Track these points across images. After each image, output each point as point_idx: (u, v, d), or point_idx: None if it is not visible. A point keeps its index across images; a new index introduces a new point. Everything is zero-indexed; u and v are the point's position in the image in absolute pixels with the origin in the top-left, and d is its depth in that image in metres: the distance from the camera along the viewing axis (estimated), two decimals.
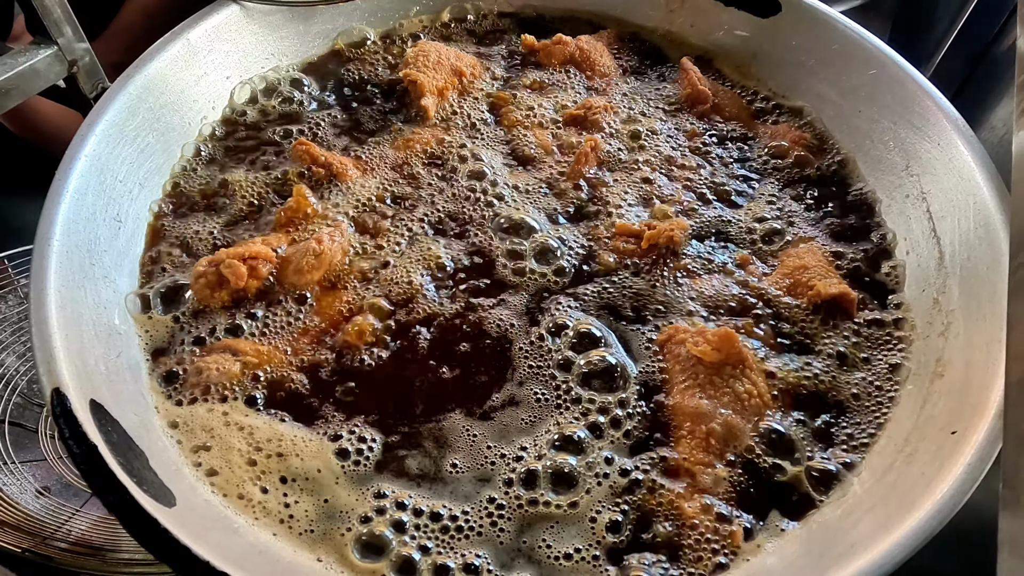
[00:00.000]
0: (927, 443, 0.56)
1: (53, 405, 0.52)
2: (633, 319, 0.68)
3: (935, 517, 0.48)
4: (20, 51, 1.10)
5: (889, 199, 0.78)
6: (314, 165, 0.79)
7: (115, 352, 0.62)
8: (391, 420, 0.62)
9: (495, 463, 0.59)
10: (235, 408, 0.61)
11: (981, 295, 0.63)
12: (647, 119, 0.88)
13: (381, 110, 0.88)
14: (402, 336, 0.67)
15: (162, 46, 0.79)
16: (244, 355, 0.64)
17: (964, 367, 0.60)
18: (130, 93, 0.74)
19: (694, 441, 0.59)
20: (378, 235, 0.74)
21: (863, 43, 0.84)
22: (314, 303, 0.69)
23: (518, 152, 0.83)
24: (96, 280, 0.64)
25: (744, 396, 0.60)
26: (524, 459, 0.59)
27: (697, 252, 0.73)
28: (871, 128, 0.82)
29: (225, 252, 0.69)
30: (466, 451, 0.59)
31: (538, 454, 0.59)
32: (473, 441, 0.60)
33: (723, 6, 0.94)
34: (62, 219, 0.63)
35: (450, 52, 0.91)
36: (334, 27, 0.93)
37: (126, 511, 0.47)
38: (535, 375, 0.64)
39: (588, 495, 0.57)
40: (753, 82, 0.94)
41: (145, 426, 0.58)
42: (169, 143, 0.78)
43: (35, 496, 0.85)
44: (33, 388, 0.94)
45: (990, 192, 0.67)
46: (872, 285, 0.72)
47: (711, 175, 0.82)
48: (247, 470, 0.58)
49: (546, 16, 1.01)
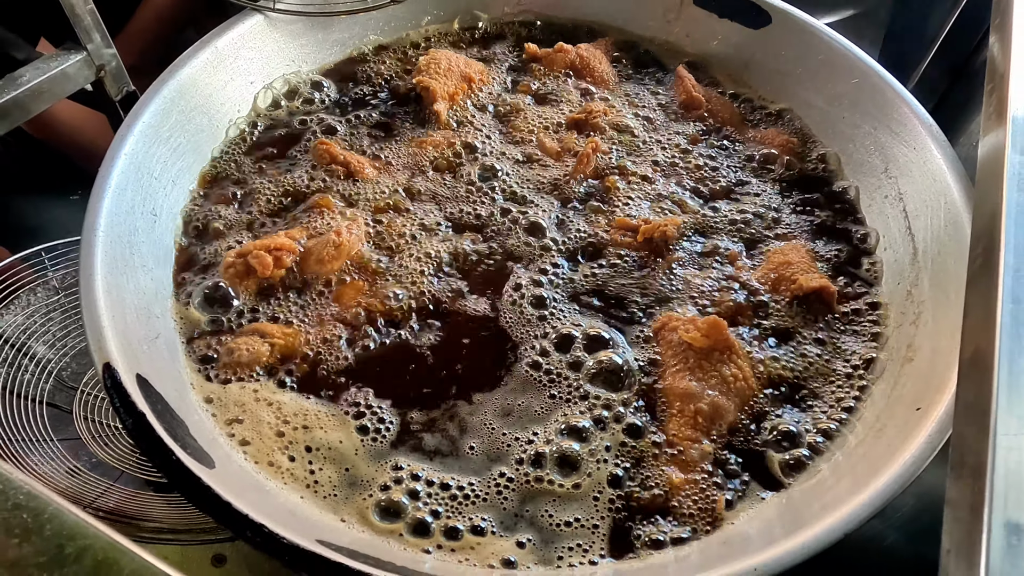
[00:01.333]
0: (895, 420, 0.62)
1: (104, 378, 0.57)
2: (629, 308, 0.74)
3: (897, 481, 0.54)
4: (51, 57, 1.16)
5: (869, 199, 0.84)
6: (333, 163, 0.85)
7: (154, 334, 0.67)
8: (406, 399, 0.67)
9: (510, 445, 0.64)
10: (264, 386, 0.67)
11: (949, 287, 0.68)
12: (644, 123, 0.94)
13: (395, 114, 0.93)
14: (414, 323, 0.72)
15: (192, 53, 0.85)
16: (272, 337, 0.69)
17: (931, 352, 0.65)
18: (164, 97, 0.80)
19: (683, 419, 0.64)
20: (393, 229, 0.80)
21: (847, 54, 0.90)
22: (334, 290, 0.74)
23: (524, 154, 0.89)
24: (135, 268, 0.70)
25: (730, 379, 0.65)
26: (535, 442, 0.64)
27: (690, 247, 0.79)
28: (854, 133, 0.88)
29: (252, 244, 0.74)
30: (473, 431, 0.65)
31: (546, 439, 0.64)
32: (481, 423, 0.65)
33: (717, 17, 1.00)
34: (105, 212, 0.69)
35: (460, 59, 0.97)
36: (351, 35, 0.99)
37: (173, 471, 0.53)
38: (542, 370, 0.69)
39: (589, 478, 0.62)
40: (745, 89, 1.00)
41: (183, 400, 0.63)
42: (199, 143, 0.84)
43: (68, 473, 0.91)
44: (64, 373, 1.00)
45: (959, 193, 0.73)
46: (853, 278, 0.78)
47: (703, 176, 0.87)
48: (276, 441, 0.63)
49: (549, 25, 1.07)
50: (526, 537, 0.59)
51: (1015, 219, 0.55)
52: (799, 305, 0.74)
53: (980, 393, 0.47)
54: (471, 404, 0.67)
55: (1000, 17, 0.82)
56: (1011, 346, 0.48)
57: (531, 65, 1.00)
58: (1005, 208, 0.57)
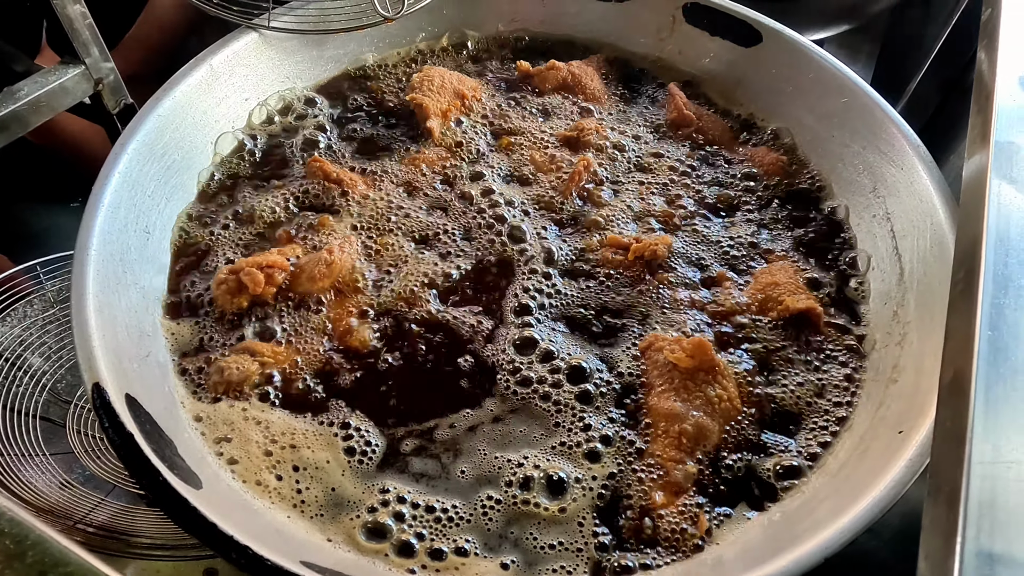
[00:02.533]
0: (878, 441, 0.62)
1: (94, 398, 0.58)
2: (618, 327, 0.75)
3: (877, 505, 0.54)
4: (50, 71, 1.17)
5: (858, 218, 0.85)
6: (326, 180, 0.85)
7: (145, 352, 0.68)
8: (393, 420, 0.68)
9: (501, 467, 0.64)
10: (253, 404, 0.67)
11: (934, 308, 0.69)
12: (635, 140, 0.94)
13: (389, 130, 0.94)
14: (404, 343, 0.73)
15: (187, 71, 0.86)
16: (261, 356, 0.70)
17: (915, 373, 0.66)
18: (159, 115, 0.81)
19: (667, 439, 0.65)
20: (385, 246, 0.80)
21: (836, 73, 0.90)
22: (325, 308, 0.75)
23: (516, 170, 0.90)
24: (128, 286, 0.71)
25: (715, 400, 0.66)
26: (524, 465, 0.64)
27: (679, 266, 0.79)
28: (843, 152, 0.88)
29: (244, 261, 0.75)
30: (460, 453, 0.65)
31: (535, 464, 0.65)
32: (470, 447, 0.66)
33: (709, 36, 1.01)
34: (98, 230, 0.70)
35: (452, 76, 0.97)
36: (345, 52, 1.00)
37: (160, 492, 0.53)
38: (523, 390, 0.70)
39: (575, 503, 0.62)
40: (736, 106, 1.00)
41: (173, 419, 0.64)
42: (193, 160, 0.85)
43: (60, 487, 0.91)
44: (59, 386, 1.00)
45: (945, 214, 0.73)
46: (841, 299, 0.78)
47: (694, 194, 0.88)
48: (264, 460, 0.64)
49: (543, 42, 1.08)
50: (510, 559, 0.59)
51: (995, 246, 0.56)
52: (786, 326, 0.74)
53: (957, 419, 0.47)
54: (457, 426, 0.67)
55: (987, 39, 0.82)
56: (988, 372, 0.48)
57: (523, 82, 1.01)
58: (986, 234, 0.57)
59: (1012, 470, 0.43)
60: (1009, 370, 0.48)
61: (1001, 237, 0.58)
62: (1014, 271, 0.54)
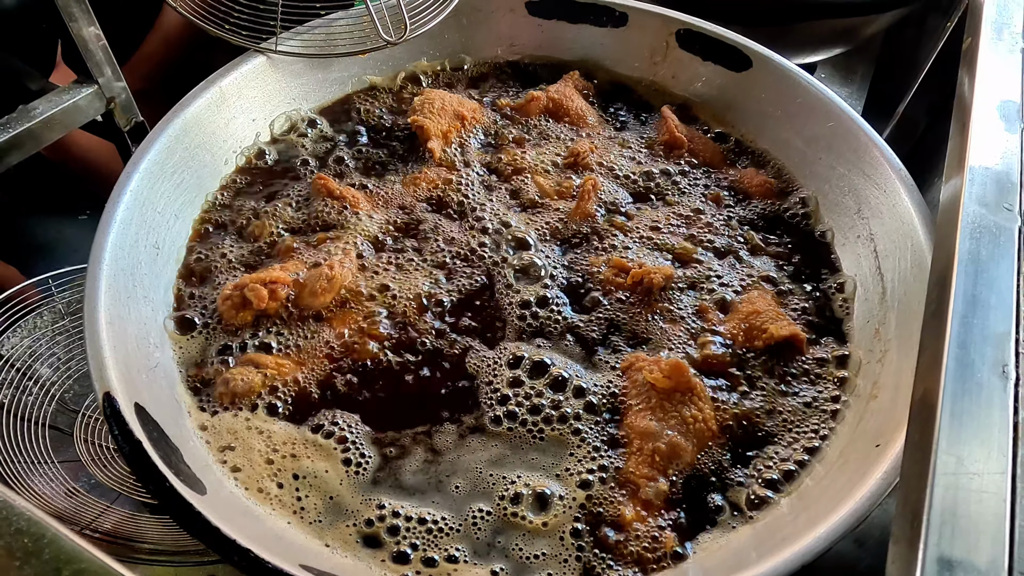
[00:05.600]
0: (857, 455, 0.64)
1: (104, 406, 0.61)
2: (607, 346, 0.77)
3: (853, 515, 0.56)
4: (64, 89, 1.21)
5: (843, 238, 0.87)
6: (330, 197, 0.88)
7: (153, 363, 0.71)
8: (389, 433, 0.70)
9: (496, 484, 0.66)
10: (256, 415, 0.70)
11: (913, 326, 0.71)
12: (631, 162, 0.97)
13: (391, 150, 0.98)
14: (403, 358, 0.75)
15: (198, 93, 0.89)
16: (265, 368, 0.73)
17: (894, 389, 0.68)
18: (169, 135, 0.84)
19: (641, 457, 0.67)
20: (385, 263, 0.83)
21: (823, 98, 0.93)
22: (327, 322, 0.78)
23: (515, 190, 0.93)
24: (138, 300, 0.74)
25: (690, 421, 0.68)
26: (515, 483, 0.66)
27: (673, 295, 0.81)
28: (829, 174, 0.91)
29: (248, 277, 0.78)
30: (453, 467, 0.68)
31: (526, 483, 0.66)
32: (459, 459, 0.68)
33: (701, 60, 1.05)
34: (110, 246, 0.73)
35: (453, 98, 1.01)
36: (349, 74, 1.04)
37: (166, 497, 0.56)
38: (516, 410, 0.73)
39: (555, 518, 0.64)
40: (728, 128, 1.04)
41: (179, 427, 0.66)
42: (201, 179, 0.88)
43: (67, 494, 0.94)
44: (67, 396, 1.03)
45: (924, 235, 0.76)
46: (826, 318, 0.81)
47: (683, 217, 0.91)
48: (265, 468, 0.66)
49: (541, 65, 1.11)
50: (499, 566, 0.62)
51: (965, 267, 0.59)
52: (770, 353, 0.76)
53: (924, 433, 0.50)
54: (451, 439, 0.69)
55: (967, 66, 0.86)
56: (954, 388, 0.51)
57: (513, 115, 1.03)
58: (957, 256, 0.60)
59: (974, 481, 0.46)
60: (974, 385, 0.51)
61: (972, 257, 0.60)
62: (982, 291, 0.57)
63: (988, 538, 0.43)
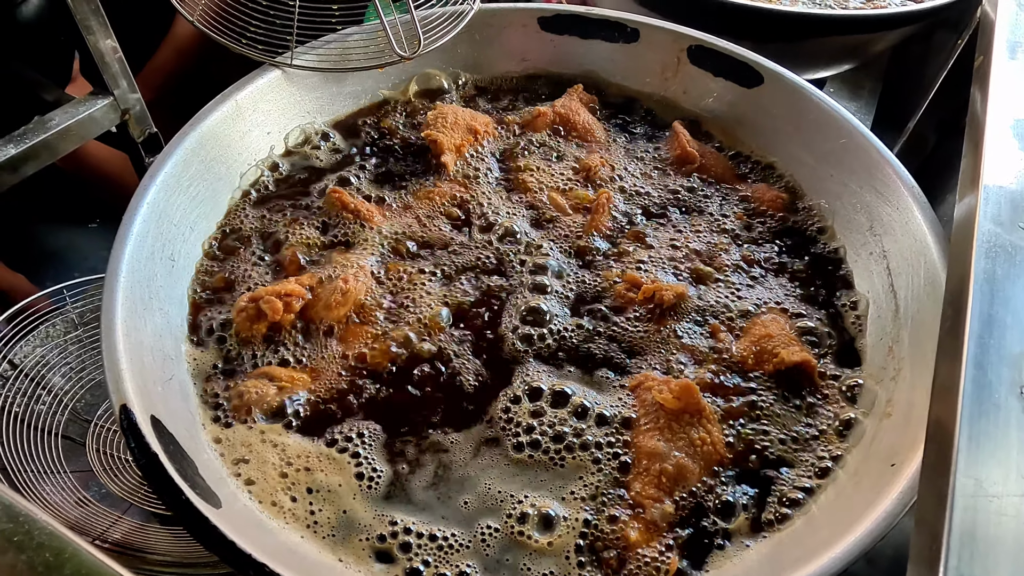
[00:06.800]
0: (871, 474, 0.64)
1: (121, 418, 0.61)
2: (617, 364, 0.77)
3: (868, 536, 0.56)
4: (80, 101, 1.23)
5: (855, 255, 0.87)
6: (345, 210, 0.89)
7: (168, 375, 0.71)
8: (401, 446, 0.70)
9: (504, 501, 0.66)
10: (270, 427, 0.70)
11: (926, 345, 0.71)
12: (643, 177, 0.98)
13: (404, 163, 0.98)
14: (416, 372, 0.75)
15: (214, 106, 0.90)
16: (279, 380, 0.73)
17: (908, 408, 0.68)
18: (186, 148, 0.85)
19: (648, 478, 0.66)
20: (399, 276, 0.84)
21: (834, 114, 0.94)
22: (341, 335, 0.78)
23: (528, 204, 0.93)
24: (153, 312, 0.74)
25: (698, 442, 0.68)
26: (523, 503, 0.66)
27: (684, 314, 0.81)
28: (841, 191, 0.91)
29: (264, 289, 0.78)
30: (463, 484, 0.68)
31: (532, 503, 0.66)
32: (470, 475, 0.68)
33: (713, 76, 1.05)
34: (127, 258, 0.73)
35: (465, 113, 1.02)
36: (363, 88, 1.05)
37: (182, 510, 0.56)
38: (531, 429, 0.73)
39: (560, 539, 0.64)
40: (739, 144, 1.04)
41: (194, 440, 0.67)
42: (217, 191, 0.89)
43: (77, 504, 0.94)
44: (79, 405, 1.04)
45: (938, 254, 0.76)
46: (838, 335, 0.81)
47: (696, 233, 0.91)
48: (279, 481, 0.67)
49: (552, 80, 1.12)
50: None
51: (981, 287, 0.59)
52: (780, 378, 0.75)
53: (942, 454, 0.50)
54: (460, 455, 0.69)
55: (979, 84, 0.86)
56: (971, 410, 0.51)
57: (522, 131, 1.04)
58: (973, 275, 0.60)
59: (993, 503, 0.46)
60: (992, 407, 0.51)
61: (988, 277, 0.61)
62: (999, 311, 0.57)
63: (1008, 560, 0.43)
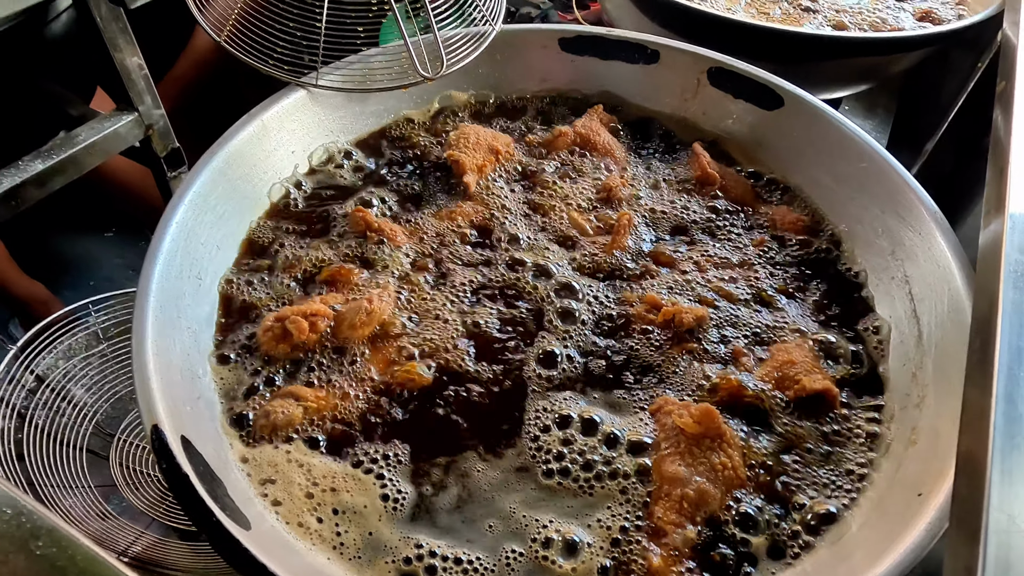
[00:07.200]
0: (897, 502, 0.64)
1: (152, 439, 0.62)
2: (636, 385, 0.77)
3: (897, 567, 0.56)
4: (105, 117, 1.25)
5: (877, 279, 0.88)
6: (368, 230, 0.90)
7: (196, 394, 0.72)
8: (421, 464, 0.71)
9: (528, 526, 0.67)
10: (296, 447, 0.71)
11: (951, 372, 0.71)
12: (663, 199, 0.98)
13: (425, 183, 0.99)
14: (439, 394, 0.76)
15: (240, 126, 0.91)
16: (305, 400, 0.73)
17: (933, 436, 0.68)
18: (213, 168, 0.86)
19: (669, 503, 0.66)
20: (421, 296, 0.84)
21: (854, 138, 0.94)
22: (365, 355, 0.79)
23: (550, 223, 0.94)
24: (181, 331, 0.75)
25: (719, 467, 0.68)
26: (546, 528, 0.66)
27: (705, 336, 0.81)
28: (862, 214, 0.92)
29: (289, 309, 0.79)
30: (487, 507, 0.68)
31: (556, 528, 0.67)
32: (494, 499, 0.68)
33: (732, 98, 1.06)
34: (157, 277, 0.74)
35: (487, 133, 1.03)
36: (385, 107, 1.06)
37: (213, 532, 0.57)
38: (551, 451, 0.73)
39: (583, 564, 0.64)
40: (759, 166, 1.04)
41: (221, 460, 0.67)
42: (242, 210, 0.90)
43: (98, 517, 0.95)
44: (101, 418, 1.04)
45: (962, 281, 0.76)
46: (860, 360, 0.81)
47: (716, 255, 0.91)
48: (305, 502, 0.67)
49: (572, 100, 1.13)
50: None
51: (1010, 317, 0.59)
52: (801, 405, 0.75)
53: (973, 489, 0.50)
54: (484, 477, 0.70)
55: (1002, 109, 0.86)
56: (1003, 443, 0.51)
57: (542, 150, 1.05)
58: (1001, 306, 0.60)
59: None
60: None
61: (1017, 307, 0.61)
62: None
63: None
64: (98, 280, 2.78)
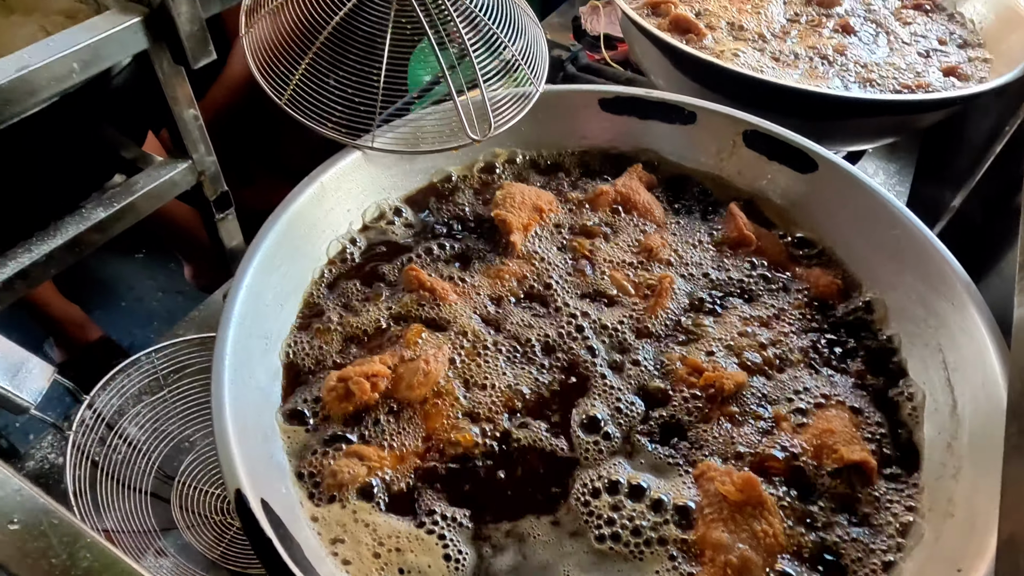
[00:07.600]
0: None
1: (237, 504, 0.66)
2: (679, 449, 0.81)
3: None
4: (161, 164, 1.30)
5: (911, 345, 0.91)
6: (421, 288, 0.94)
7: (268, 454, 0.76)
8: (480, 526, 0.74)
9: None
10: (361, 507, 0.75)
11: (986, 444, 0.74)
12: (700, 259, 1.02)
13: (472, 240, 1.04)
14: (492, 456, 0.80)
15: (302, 188, 0.96)
16: (368, 460, 0.78)
17: (971, 509, 0.71)
18: (277, 230, 0.91)
19: (714, 569, 0.70)
20: (474, 357, 0.88)
21: (888, 205, 0.98)
22: (422, 416, 0.83)
23: (593, 283, 0.98)
24: (252, 391, 0.79)
25: (760, 535, 0.71)
26: None
27: (746, 402, 0.85)
28: (896, 280, 0.95)
29: (352, 369, 0.83)
30: (544, 571, 0.71)
31: None
32: (549, 563, 0.72)
33: (767, 160, 1.10)
34: (231, 340, 0.79)
35: (531, 191, 1.07)
36: (432, 165, 1.11)
37: None
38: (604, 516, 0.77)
39: None
40: (793, 227, 1.08)
41: (295, 519, 0.71)
42: (303, 269, 0.95)
43: (155, 555, 0.99)
44: (155, 461, 1.09)
45: (996, 356, 0.79)
46: (895, 428, 0.84)
47: (755, 316, 0.95)
48: (373, 561, 0.71)
49: (611, 157, 1.17)
50: None
51: None
52: (839, 475, 0.78)
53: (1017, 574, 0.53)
54: (541, 540, 0.73)
55: None
56: None
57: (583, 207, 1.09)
58: None
59: None
60: None
61: None
62: None
63: None
64: (129, 301, 2.84)
